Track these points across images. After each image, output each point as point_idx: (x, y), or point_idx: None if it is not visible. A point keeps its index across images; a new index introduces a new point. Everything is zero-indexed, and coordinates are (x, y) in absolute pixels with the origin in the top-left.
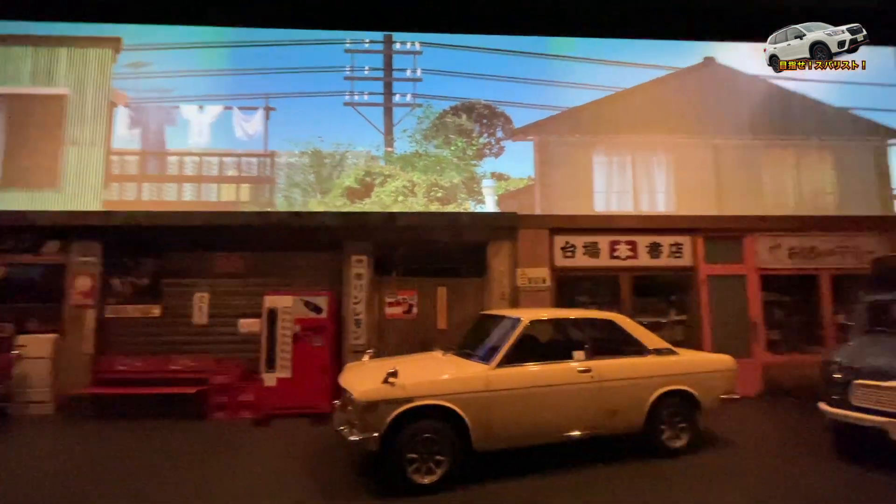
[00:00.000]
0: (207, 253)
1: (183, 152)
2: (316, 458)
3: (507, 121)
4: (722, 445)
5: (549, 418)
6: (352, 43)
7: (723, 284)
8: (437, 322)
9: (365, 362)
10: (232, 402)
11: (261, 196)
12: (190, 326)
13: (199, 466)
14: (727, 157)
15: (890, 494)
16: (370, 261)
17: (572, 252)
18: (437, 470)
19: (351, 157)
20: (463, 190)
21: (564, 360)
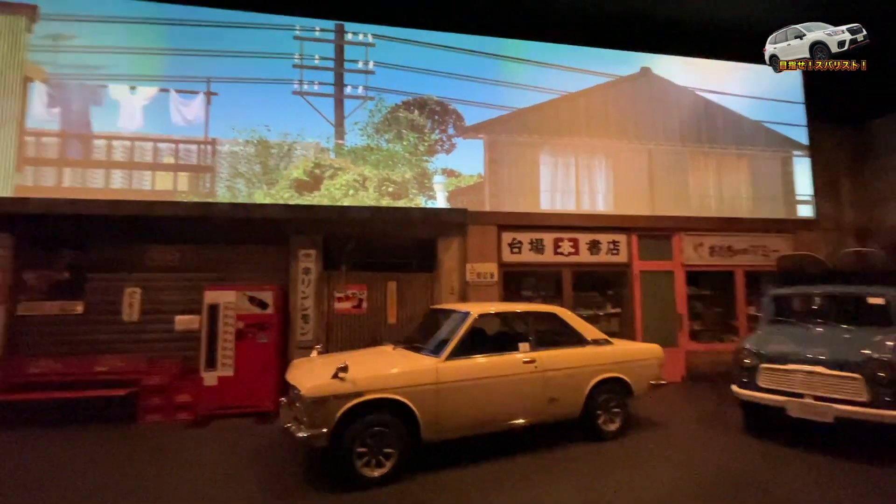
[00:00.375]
0: (140, 245)
1: (112, 136)
2: (260, 457)
3: (459, 118)
4: (651, 427)
5: (496, 408)
6: (302, 30)
7: (653, 279)
8: (387, 316)
9: (313, 358)
10: (167, 404)
11: (201, 186)
12: (119, 324)
13: (130, 473)
14: (659, 162)
15: (789, 463)
16: (319, 255)
17: (519, 248)
18: (386, 463)
19: (300, 148)
20: (414, 185)
21: (511, 351)
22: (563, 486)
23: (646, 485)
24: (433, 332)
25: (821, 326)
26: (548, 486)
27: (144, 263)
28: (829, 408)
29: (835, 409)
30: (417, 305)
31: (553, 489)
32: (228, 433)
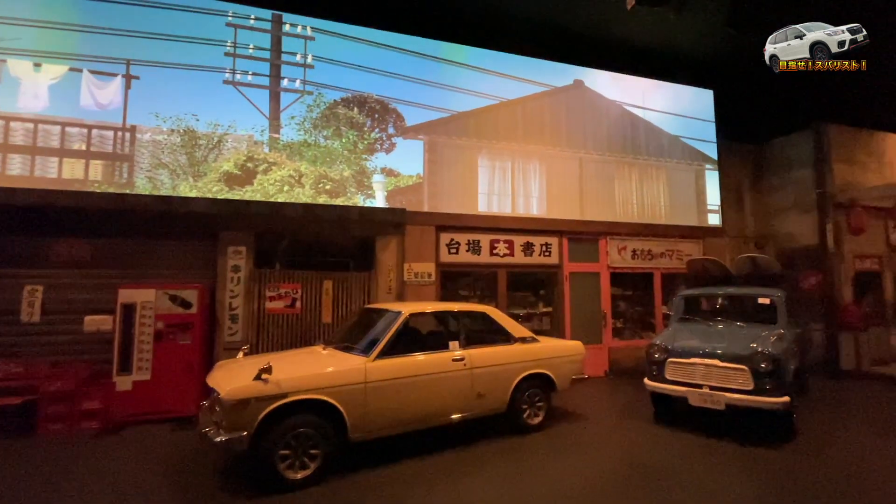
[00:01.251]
0: (43, 238)
1: (11, 116)
2: (177, 465)
3: (399, 118)
4: (573, 419)
5: (425, 406)
6: (235, 16)
7: (582, 280)
8: (321, 316)
9: (238, 359)
10: (72, 412)
11: (117, 175)
12: (16, 325)
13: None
14: (589, 169)
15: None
16: (250, 252)
17: (456, 249)
18: (310, 464)
19: (231, 140)
20: (353, 183)
21: (441, 350)
22: (486, 478)
23: (564, 474)
24: (365, 332)
25: (720, 323)
26: (471, 478)
27: (48, 259)
28: (723, 396)
29: (727, 397)
30: (354, 305)
31: (476, 481)
32: (142, 441)
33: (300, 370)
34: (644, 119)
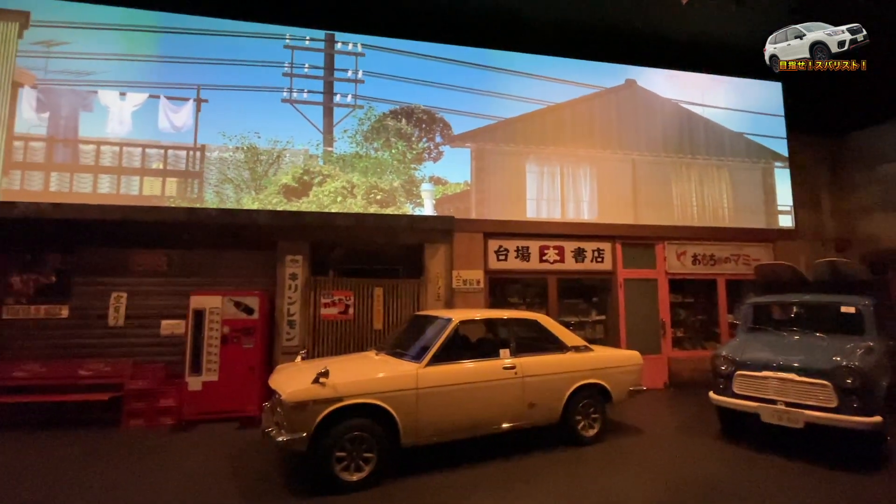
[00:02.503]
0: (127, 249)
1: (100, 141)
2: (242, 461)
3: (446, 127)
4: (630, 432)
5: (475, 413)
6: (292, 39)
7: (637, 287)
8: (373, 323)
9: (297, 363)
10: (151, 409)
11: (189, 191)
12: (104, 328)
13: (110, 476)
14: (643, 171)
15: (762, 468)
16: (306, 261)
17: (505, 255)
18: (365, 467)
19: (289, 154)
20: (402, 193)
21: (492, 357)
22: (539, 490)
23: (621, 490)
24: (415, 338)
25: (796, 334)
26: (525, 490)
27: (131, 268)
28: (801, 414)
29: (806, 415)
30: (404, 312)
31: (530, 494)
32: (211, 438)
33: (355, 375)
34: (703, 117)
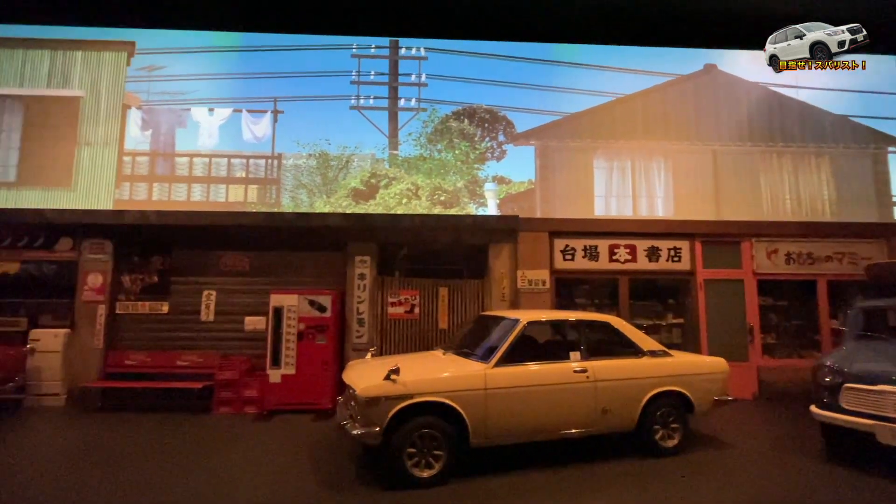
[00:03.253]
0: (215, 252)
1: (192, 154)
2: (318, 451)
3: (509, 125)
4: (715, 446)
5: (545, 417)
6: (358, 48)
7: (720, 289)
8: (438, 322)
9: (367, 360)
10: (237, 398)
11: (268, 197)
12: (197, 323)
13: (204, 457)
14: (725, 163)
15: (879, 496)
16: (374, 261)
17: (572, 255)
18: (435, 464)
19: (357, 159)
20: (465, 193)
21: (561, 360)
22: (610, 501)
23: None
24: (482, 339)
25: None
26: (594, 499)
27: (219, 268)
28: None
29: None
30: (468, 312)
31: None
32: (289, 428)
33: (424, 373)
34: (797, 100)
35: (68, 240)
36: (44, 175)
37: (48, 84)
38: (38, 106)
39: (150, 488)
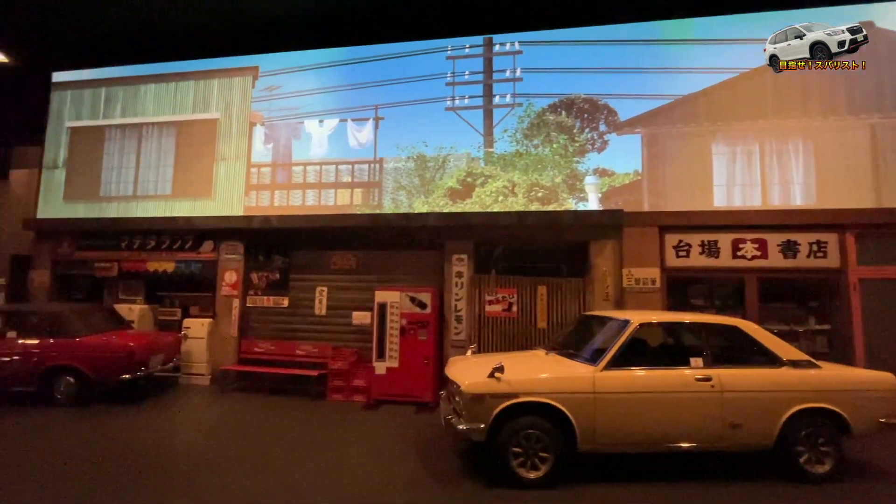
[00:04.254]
0: (327, 251)
1: (306, 162)
2: (422, 443)
3: (611, 113)
4: (878, 477)
5: (661, 426)
6: (453, 49)
7: (881, 290)
8: (536, 321)
9: (468, 357)
10: (347, 386)
11: (371, 199)
12: (312, 316)
13: (324, 439)
14: (887, 139)
15: None
16: (471, 259)
17: (686, 251)
18: (541, 466)
19: (453, 159)
20: (564, 188)
21: (679, 366)
22: None
23: None
24: (588, 340)
25: None
26: None
27: (330, 267)
28: None
29: None
30: (568, 311)
31: None
32: (394, 418)
33: (528, 372)
34: None
35: (210, 242)
36: (191, 188)
37: (193, 110)
38: (186, 129)
39: (279, 461)
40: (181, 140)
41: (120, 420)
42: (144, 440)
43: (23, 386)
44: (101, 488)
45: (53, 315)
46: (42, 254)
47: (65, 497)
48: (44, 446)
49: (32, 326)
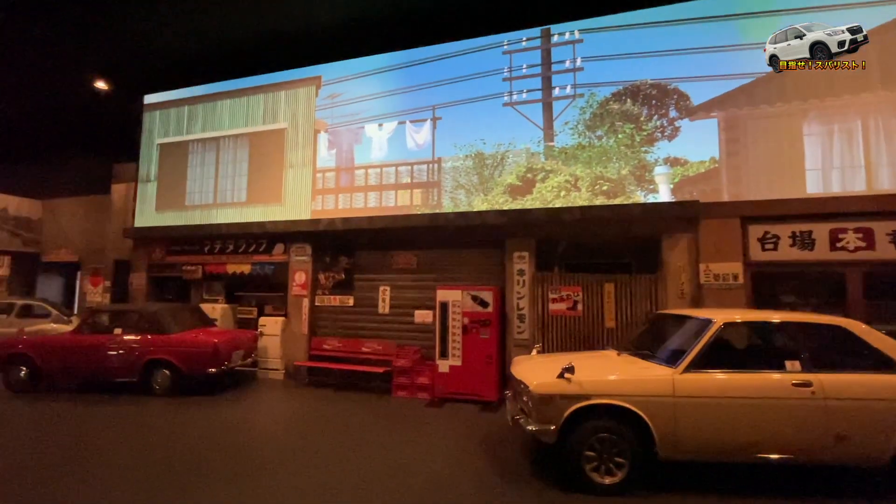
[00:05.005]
0: (388, 251)
1: (367, 166)
2: (489, 442)
3: (682, 98)
4: None
5: (751, 434)
6: (509, 44)
7: None
8: (604, 320)
9: (534, 356)
10: (411, 384)
11: (430, 199)
12: (375, 315)
13: (391, 434)
14: None
15: None
16: (532, 257)
17: (774, 243)
18: (617, 472)
19: (512, 155)
20: (631, 180)
21: (772, 370)
22: None
23: None
24: (663, 340)
25: None
26: None
27: (392, 266)
28: None
29: None
30: (638, 309)
31: None
32: (459, 416)
33: (600, 373)
34: None
35: (281, 245)
36: (263, 194)
37: (263, 121)
38: (257, 140)
39: (351, 453)
40: (253, 150)
41: (208, 410)
42: (231, 429)
43: (127, 377)
44: (198, 469)
45: (151, 314)
46: (139, 259)
47: (170, 477)
48: (149, 432)
49: (134, 324)
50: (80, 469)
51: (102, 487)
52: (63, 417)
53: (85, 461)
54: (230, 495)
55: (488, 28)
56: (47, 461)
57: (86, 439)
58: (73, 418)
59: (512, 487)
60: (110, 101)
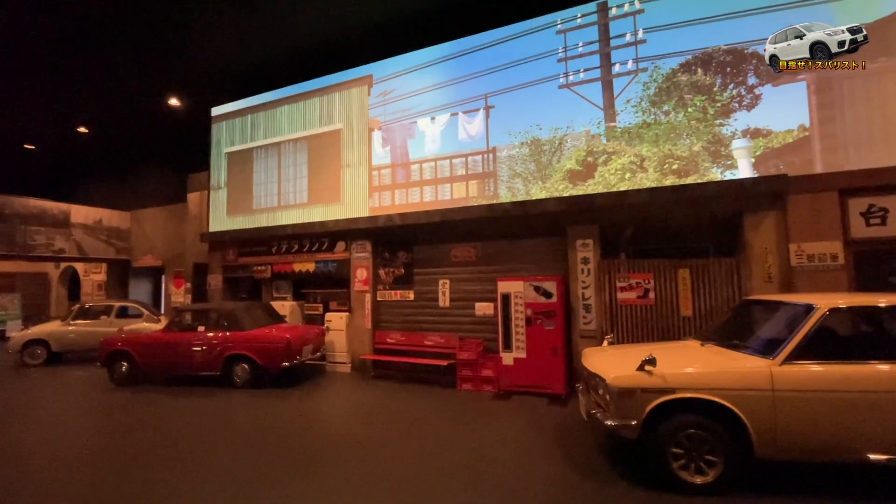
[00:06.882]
0: (447, 245)
1: (421, 160)
2: (560, 436)
3: (763, 62)
4: None
5: (860, 432)
6: (563, 22)
7: None
8: (679, 308)
9: (605, 348)
10: (475, 376)
11: (487, 190)
12: (436, 308)
13: (459, 428)
14: None
15: None
16: (597, 244)
17: (881, 218)
18: (709, 471)
19: (570, 139)
20: (705, 156)
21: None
22: None
23: None
24: (755, 328)
25: None
26: None
27: (451, 260)
28: None
29: None
30: (718, 296)
31: None
32: (526, 409)
33: (684, 365)
34: None
35: (342, 243)
36: (323, 194)
37: (319, 124)
38: (315, 142)
39: (422, 445)
40: (312, 152)
41: (286, 401)
42: (313, 420)
43: (210, 371)
44: (281, 458)
45: (229, 312)
46: (215, 261)
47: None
48: (243, 421)
49: (214, 321)
50: (191, 457)
51: (216, 471)
52: (163, 407)
53: (191, 447)
54: (338, 479)
55: (540, 8)
56: (158, 449)
57: (189, 428)
58: (171, 408)
59: (596, 485)
60: (182, 117)
